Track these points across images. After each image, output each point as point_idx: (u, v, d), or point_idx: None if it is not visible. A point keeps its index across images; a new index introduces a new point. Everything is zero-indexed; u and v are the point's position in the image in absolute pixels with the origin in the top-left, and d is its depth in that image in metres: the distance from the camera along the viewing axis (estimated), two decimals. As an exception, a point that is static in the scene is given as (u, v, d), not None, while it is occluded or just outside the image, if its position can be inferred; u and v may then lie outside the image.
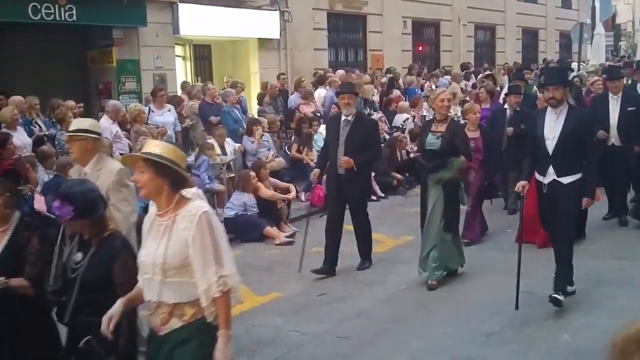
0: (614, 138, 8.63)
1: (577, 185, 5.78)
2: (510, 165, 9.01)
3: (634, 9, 48.26)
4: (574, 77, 13.72)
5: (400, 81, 16.33)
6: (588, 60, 21.87)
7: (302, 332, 5.77)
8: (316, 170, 7.65)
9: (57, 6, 11.35)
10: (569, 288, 6.01)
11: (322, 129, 11.99)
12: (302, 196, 10.80)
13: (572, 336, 5.37)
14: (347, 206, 7.46)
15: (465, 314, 5.97)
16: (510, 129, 9.11)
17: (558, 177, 5.81)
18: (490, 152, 8.38)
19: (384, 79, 15.87)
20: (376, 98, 14.48)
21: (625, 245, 7.89)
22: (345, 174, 7.18)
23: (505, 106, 9.78)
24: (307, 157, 11.42)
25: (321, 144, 11.53)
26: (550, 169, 5.84)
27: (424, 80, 17.16)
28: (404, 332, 5.70)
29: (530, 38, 27.52)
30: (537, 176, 6.02)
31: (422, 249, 6.85)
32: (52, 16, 11.34)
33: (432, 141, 6.69)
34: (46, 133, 9.02)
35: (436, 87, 16.02)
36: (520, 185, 5.98)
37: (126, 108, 10.60)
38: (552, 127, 5.81)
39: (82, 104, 10.66)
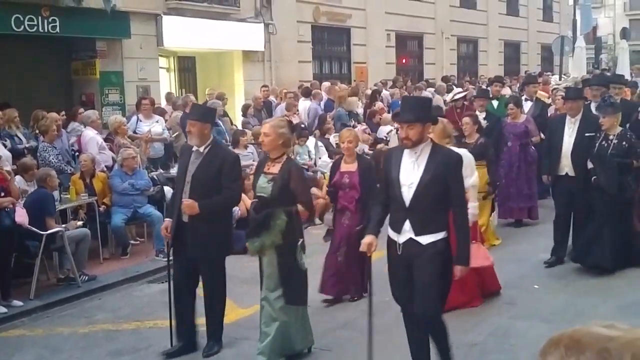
0: (567, 167, 7.47)
1: (438, 246, 4.46)
2: None
3: (615, 22, 49.03)
4: (554, 89, 13.61)
5: (384, 93, 16.41)
6: (569, 73, 22.10)
7: (285, 344, 5.73)
8: (167, 221, 5.79)
9: (40, 18, 11.33)
10: None
11: (309, 142, 11.99)
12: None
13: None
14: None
15: (447, 325, 5.98)
16: None
17: (416, 235, 4.48)
18: (370, 189, 6.51)
19: (368, 91, 15.96)
20: (360, 110, 14.54)
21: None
22: (190, 223, 5.44)
23: None
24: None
25: (306, 157, 11.58)
26: (407, 225, 4.50)
27: (407, 93, 17.25)
28: (387, 343, 5.69)
29: (512, 51, 27.87)
30: (390, 232, 4.68)
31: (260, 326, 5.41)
32: (36, 28, 11.30)
33: (263, 185, 5.20)
34: (26, 145, 8.96)
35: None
36: (365, 243, 4.62)
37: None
38: (410, 171, 4.49)
39: (63, 112, 10.60)
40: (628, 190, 7.21)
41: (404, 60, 22.06)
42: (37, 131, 9.30)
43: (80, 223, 8.08)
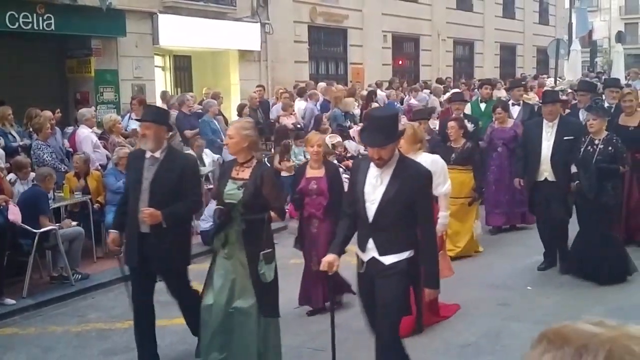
0: (547, 172, 7.28)
1: (401, 266, 4.16)
2: None
3: (610, 26, 49.23)
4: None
5: (380, 94, 16.39)
6: (564, 76, 22.18)
7: (278, 344, 5.72)
8: (113, 234, 5.38)
9: (35, 15, 11.29)
10: None
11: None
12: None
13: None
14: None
15: (439, 326, 5.99)
16: None
17: (380, 255, 4.19)
18: (338, 195, 5.97)
19: (364, 92, 15.95)
20: (357, 111, 14.53)
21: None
22: (151, 233, 5.05)
23: None
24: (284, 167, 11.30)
25: (302, 157, 11.52)
26: (370, 243, 4.23)
27: (403, 94, 17.27)
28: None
29: (508, 53, 27.94)
30: (356, 248, 4.41)
31: (207, 337, 4.96)
32: (30, 25, 11.27)
33: (232, 191, 4.86)
34: (20, 143, 8.93)
35: (416, 101, 16.19)
36: (326, 262, 4.28)
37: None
38: (374, 186, 4.18)
39: (59, 109, 10.58)
40: (612, 196, 7.06)
41: (400, 62, 22.10)
42: (30, 129, 9.28)
43: (74, 223, 8.06)
